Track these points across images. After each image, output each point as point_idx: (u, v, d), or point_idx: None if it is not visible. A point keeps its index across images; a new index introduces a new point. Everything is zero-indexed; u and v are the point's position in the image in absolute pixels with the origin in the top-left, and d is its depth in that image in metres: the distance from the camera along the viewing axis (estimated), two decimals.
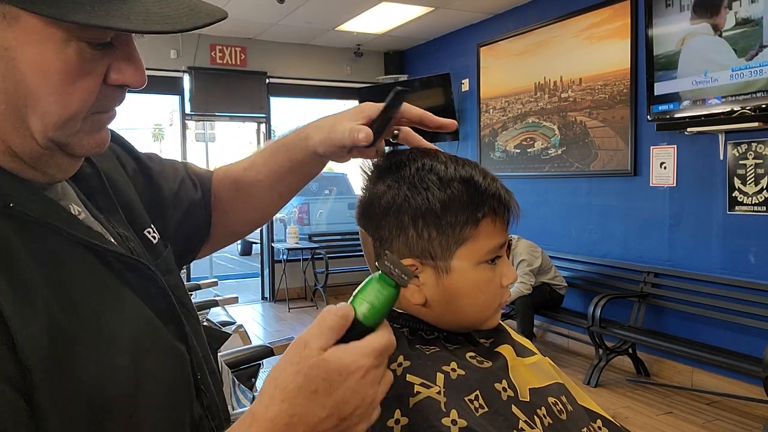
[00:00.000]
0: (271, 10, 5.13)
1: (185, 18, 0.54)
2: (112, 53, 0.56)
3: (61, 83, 0.53)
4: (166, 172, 0.86)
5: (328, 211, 8.98)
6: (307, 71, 6.59)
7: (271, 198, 0.93)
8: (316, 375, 0.52)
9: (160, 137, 18.38)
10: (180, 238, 0.84)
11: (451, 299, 0.72)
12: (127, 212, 0.71)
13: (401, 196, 0.71)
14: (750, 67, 3.31)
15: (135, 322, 0.61)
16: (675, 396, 3.77)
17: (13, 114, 0.53)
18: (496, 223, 0.72)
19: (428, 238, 0.70)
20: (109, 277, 0.61)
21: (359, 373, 0.53)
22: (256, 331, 5.55)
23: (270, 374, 0.54)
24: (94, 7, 0.50)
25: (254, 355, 2.15)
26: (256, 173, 0.91)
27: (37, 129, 0.54)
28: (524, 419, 0.67)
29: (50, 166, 0.58)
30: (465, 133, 5.99)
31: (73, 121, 0.56)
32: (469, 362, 0.71)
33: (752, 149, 3.49)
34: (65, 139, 0.56)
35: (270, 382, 0.54)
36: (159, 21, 0.53)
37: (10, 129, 0.54)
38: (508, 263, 0.76)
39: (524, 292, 4.27)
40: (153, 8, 0.53)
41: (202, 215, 0.90)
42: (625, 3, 4.19)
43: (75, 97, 0.54)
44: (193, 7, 0.56)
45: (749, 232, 3.55)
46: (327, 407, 0.52)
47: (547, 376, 0.77)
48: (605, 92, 4.41)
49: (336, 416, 0.53)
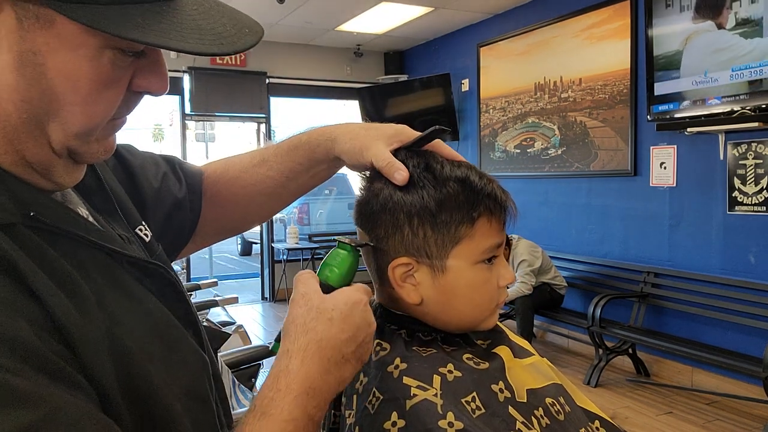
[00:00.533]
0: (271, 10, 5.13)
1: (235, 36, 0.53)
2: (139, 60, 0.54)
3: (89, 92, 0.51)
4: (146, 167, 0.81)
5: (328, 211, 8.98)
6: (307, 71, 6.59)
7: (279, 196, 0.90)
8: (326, 307, 0.60)
9: (160, 137, 18.38)
10: (162, 237, 0.80)
11: (447, 299, 0.72)
12: (121, 211, 0.69)
13: (397, 195, 0.71)
14: (750, 67, 3.31)
15: (165, 328, 0.60)
16: (675, 396, 3.77)
17: (32, 122, 0.51)
18: (492, 222, 0.72)
19: (423, 237, 0.70)
20: (133, 283, 0.59)
21: (361, 304, 0.62)
22: (256, 332, 5.55)
23: (284, 328, 0.61)
24: (145, 21, 0.48)
25: (254, 356, 2.15)
26: (267, 169, 0.87)
27: (57, 137, 0.52)
28: (521, 420, 0.68)
29: (59, 174, 0.55)
30: (465, 133, 5.99)
31: (95, 130, 0.54)
32: (466, 364, 0.71)
33: (752, 149, 3.49)
34: (80, 148, 0.54)
35: (288, 328, 0.60)
36: (214, 41, 0.52)
37: (26, 137, 0.51)
38: (506, 264, 0.76)
39: (525, 292, 4.27)
40: (202, 23, 0.52)
41: (187, 214, 0.86)
42: (625, 3, 4.18)
43: (101, 106, 0.53)
44: (232, 17, 0.55)
45: (749, 232, 3.55)
46: (346, 331, 0.59)
47: (544, 377, 0.77)
48: (605, 92, 4.41)
49: (353, 341, 0.60)
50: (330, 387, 0.59)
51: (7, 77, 0.49)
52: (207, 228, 0.90)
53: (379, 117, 6.46)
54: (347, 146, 0.77)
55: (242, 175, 0.89)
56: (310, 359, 0.58)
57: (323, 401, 0.58)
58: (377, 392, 0.67)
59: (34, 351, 0.44)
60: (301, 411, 0.56)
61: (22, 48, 0.48)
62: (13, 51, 0.48)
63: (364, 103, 6.58)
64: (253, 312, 6.49)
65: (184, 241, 0.88)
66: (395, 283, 0.72)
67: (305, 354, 0.58)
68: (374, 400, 0.66)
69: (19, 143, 0.52)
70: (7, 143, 0.51)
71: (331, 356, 0.59)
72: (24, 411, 0.41)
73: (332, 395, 0.60)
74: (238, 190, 0.90)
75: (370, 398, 0.67)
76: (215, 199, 0.89)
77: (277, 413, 0.55)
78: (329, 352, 0.58)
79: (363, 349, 0.62)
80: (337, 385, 0.60)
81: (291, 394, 0.56)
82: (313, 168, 0.85)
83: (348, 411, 0.70)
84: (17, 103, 0.50)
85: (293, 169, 0.86)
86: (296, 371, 0.57)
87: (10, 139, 0.51)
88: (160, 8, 0.50)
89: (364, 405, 0.67)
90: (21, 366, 0.43)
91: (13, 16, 0.47)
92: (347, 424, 0.69)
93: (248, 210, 0.93)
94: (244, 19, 0.56)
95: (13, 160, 0.52)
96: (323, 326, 0.59)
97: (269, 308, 6.66)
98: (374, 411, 0.66)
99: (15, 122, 0.50)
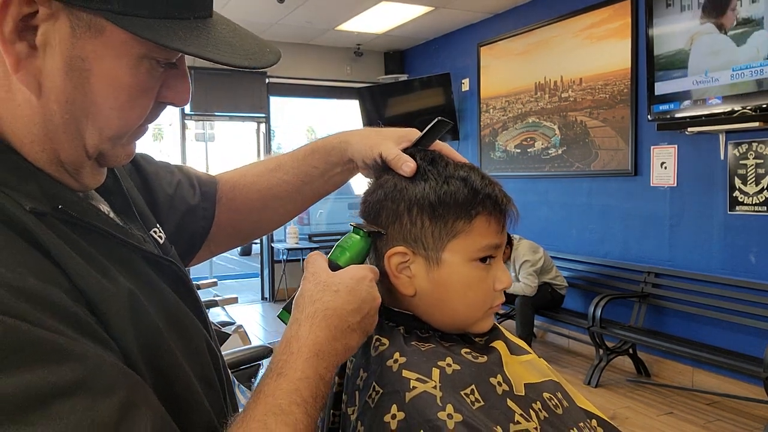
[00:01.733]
0: (271, 9, 5.13)
1: (260, 53, 0.58)
2: (169, 71, 0.58)
3: (128, 98, 0.55)
4: (161, 175, 0.85)
5: (328, 211, 8.97)
6: (307, 71, 6.59)
7: (293, 201, 0.94)
8: (333, 282, 0.66)
9: (159, 137, 18.37)
10: (175, 243, 0.83)
11: (441, 293, 0.73)
12: (137, 213, 0.72)
13: (401, 184, 0.74)
14: (751, 67, 3.31)
15: (181, 317, 0.63)
16: (675, 396, 3.76)
17: (72, 123, 0.54)
18: (490, 223, 0.73)
19: (421, 227, 0.72)
20: (151, 274, 0.62)
21: (367, 279, 0.67)
22: (255, 332, 5.55)
23: (294, 303, 0.66)
24: (185, 34, 0.53)
25: (254, 356, 2.14)
26: (283, 173, 0.92)
27: (92, 140, 0.56)
28: (520, 413, 0.68)
29: (86, 175, 0.59)
30: (465, 132, 5.99)
31: (126, 134, 0.58)
32: (464, 357, 0.72)
33: (753, 149, 3.49)
34: (109, 151, 0.58)
35: (298, 300, 0.66)
36: (244, 56, 0.56)
37: (64, 138, 0.55)
38: (504, 269, 0.77)
39: (528, 292, 4.28)
40: (232, 41, 0.57)
41: (199, 221, 0.89)
42: (625, 3, 4.18)
43: (135, 113, 0.56)
44: (254, 38, 0.60)
45: (750, 232, 3.55)
46: (351, 303, 0.65)
47: (541, 373, 0.78)
48: (605, 92, 4.41)
49: (359, 312, 0.65)
50: (337, 352, 0.64)
51: (56, 80, 0.52)
52: (221, 234, 0.93)
53: (379, 117, 6.46)
54: (359, 146, 0.83)
55: (258, 180, 0.94)
56: (317, 326, 0.63)
57: (332, 364, 0.63)
58: (377, 386, 0.67)
59: (72, 313, 0.48)
60: (312, 371, 0.60)
61: (72, 54, 0.52)
62: (64, 56, 0.52)
63: (364, 102, 6.57)
64: (252, 312, 6.49)
65: (197, 247, 0.91)
66: (391, 273, 0.74)
67: (312, 321, 0.63)
68: (374, 394, 0.67)
69: (57, 142, 0.55)
70: (47, 141, 0.55)
71: (338, 324, 0.64)
72: (68, 367, 0.44)
73: (340, 359, 0.65)
74: (253, 194, 0.93)
75: (370, 392, 0.67)
76: (231, 204, 0.93)
77: (291, 373, 0.59)
78: (335, 320, 0.63)
79: (368, 321, 0.67)
80: (344, 351, 0.65)
81: (302, 357, 0.61)
82: (328, 172, 0.90)
83: (351, 408, 0.71)
84: (62, 104, 0.53)
85: (309, 173, 0.91)
86: (306, 336, 0.62)
87: (51, 137, 0.54)
88: (196, 24, 0.55)
89: (365, 400, 0.68)
90: (62, 326, 0.46)
91: (68, 24, 0.51)
92: (350, 420, 0.70)
93: (262, 215, 0.96)
94: (264, 42, 0.61)
95: (48, 158, 0.55)
96: (329, 297, 0.64)
97: (269, 308, 6.65)
98: (374, 405, 0.66)
99: (57, 122, 0.54)
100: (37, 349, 0.43)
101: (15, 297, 0.44)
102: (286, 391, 0.58)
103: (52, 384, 0.43)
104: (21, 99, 0.52)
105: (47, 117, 0.53)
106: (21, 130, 0.53)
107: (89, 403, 0.44)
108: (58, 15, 0.50)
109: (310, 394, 0.59)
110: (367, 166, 0.82)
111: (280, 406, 0.56)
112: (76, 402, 0.43)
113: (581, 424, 0.74)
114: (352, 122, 7.38)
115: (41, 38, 0.50)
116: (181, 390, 0.58)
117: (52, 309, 0.46)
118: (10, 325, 0.43)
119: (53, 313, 0.46)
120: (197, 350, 0.64)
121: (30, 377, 0.42)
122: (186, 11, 0.54)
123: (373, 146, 0.80)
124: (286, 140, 10.53)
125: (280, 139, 10.26)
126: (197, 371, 0.62)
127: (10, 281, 0.45)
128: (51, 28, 0.50)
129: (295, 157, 0.92)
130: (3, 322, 0.42)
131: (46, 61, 0.51)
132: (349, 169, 0.89)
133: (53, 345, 0.44)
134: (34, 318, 0.44)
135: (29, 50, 0.51)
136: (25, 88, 0.52)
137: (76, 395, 0.44)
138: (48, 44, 0.51)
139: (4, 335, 0.42)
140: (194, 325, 0.65)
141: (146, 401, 0.50)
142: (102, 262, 0.55)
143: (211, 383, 0.65)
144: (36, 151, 0.54)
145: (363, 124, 6.67)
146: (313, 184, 0.91)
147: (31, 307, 0.45)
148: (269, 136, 6.68)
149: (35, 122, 0.53)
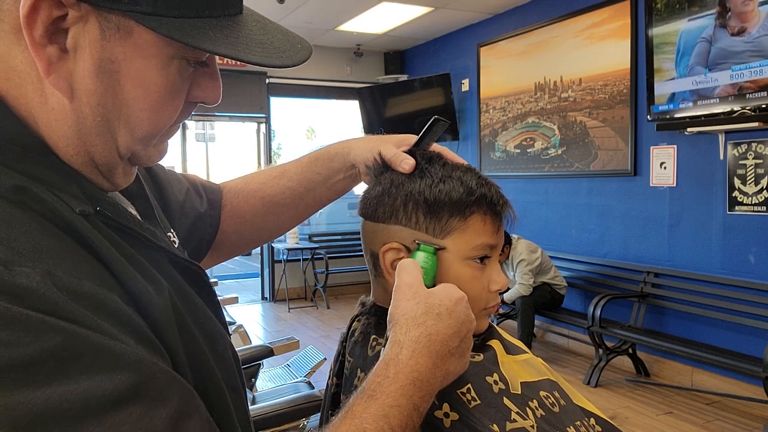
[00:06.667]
0: (271, 10, 5.13)
1: (291, 50, 0.58)
2: (199, 70, 0.58)
3: (158, 99, 0.55)
4: (172, 182, 0.85)
5: (328, 211, 8.96)
6: (307, 71, 6.58)
7: (296, 207, 0.95)
8: (433, 302, 0.64)
9: None
10: (184, 249, 0.84)
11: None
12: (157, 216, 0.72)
13: (399, 180, 0.75)
14: (750, 67, 3.31)
15: (208, 322, 0.62)
16: (675, 396, 3.77)
17: (104, 125, 0.54)
18: (486, 222, 0.73)
19: (416, 222, 0.72)
20: (182, 282, 0.62)
21: (464, 301, 0.66)
22: (256, 331, 5.55)
23: (392, 318, 0.64)
24: (215, 34, 0.53)
25: (254, 355, 2.15)
26: (287, 180, 0.93)
27: (124, 141, 0.55)
28: (516, 411, 0.69)
29: (118, 175, 0.59)
30: (465, 133, 5.99)
31: (157, 135, 0.58)
32: None
33: (752, 149, 3.49)
34: (141, 151, 0.58)
35: (398, 319, 0.64)
36: (275, 55, 0.56)
37: (97, 140, 0.55)
38: (499, 270, 0.76)
39: (523, 293, 4.27)
40: (263, 38, 0.57)
41: (206, 228, 0.89)
42: (625, 3, 4.19)
43: (166, 113, 0.56)
44: (285, 34, 0.59)
45: (749, 232, 3.55)
46: (452, 327, 0.63)
47: (538, 372, 0.78)
48: (605, 92, 4.41)
49: (458, 336, 0.64)
50: (436, 379, 0.62)
51: (87, 82, 0.52)
52: (225, 241, 0.94)
53: (379, 117, 6.47)
54: (360, 150, 0.85)
55: (262, 187, 0.94)
56: (419, 352, 0.61)
57: (428, 393, 0.61)
58: None
59: (127, 318, 0.48)
60: (406, 399, 0.58)
61: (102, 56, 0.51)
62: (94, 58, 0.51)
63: (364, 103, 6.58)
64: (253, 312, 6.49)
65: (203, 255, 0.92)
66: (386, 269, 0.74)
67: (416, 346, 0.61)
68: None
69: (91, 145, 0.55)
70: (81, 144, 0.55)
71: (439, 350, 0.62)
72: (124, 375, 0.44)
73: (438, 388, 0.62)
74: (257, 201, 0.94)
75: None
76: (235, 211, 0.93)
77: (382, 398, 0.57)
78: (437, 346, 0.62)
79: (465, 344, 0.65)
80: (443, 378, 0.63)
81: (398, 383, 0.59)
82: (331, 178, 0.91)
83: None
84: (94, 107, 0.53)
85: (312, 179, 0.92)
86: (405, 362, 0.60)
87: (84, 140, 0.54)
88: (226, 23, 0.55)
89: None
90: (118, 331, 0.46)
91: (97, 26, 0.51)
92: None
93: (266, 222, 0.97)
94: (294, 36, 0.61)
95: (83, 160, 0.55)
96: (432, 321, 0.63)
97: (269, 308, 6.65)
98: None
99: (90, 124, 0.54)
100: (96, 356, 0.43)
101: (74, 301, 0.44)
102: (374, 416, 0.56)
103: (108, 392, 0.43)
104: (54, 102, 0.53)
105: (80, 119, 0.53)
106: (56, 132, 0.54)
107: (143, 411, 0.44)
108: (87, 17, 0.50)
109: (399, 423, 0.57)
110: (369, 170, 0.82)
111: (365, 430, 0.55)
112: (130, 411, 0.43)
113: (578, 422, 0.74)
114: (352, 122, 7.38)
115: (71, 41, 0.50)
116: (214, 397, 0.57)
117: (108, 313, 0.46)
118: (70, 332, 0.42)
119: (109, 317, 0.46)
120: (222, 355, 0.63)
121: (88, 384, 0.42)
122: (218, 9, 0.54)
123: (373, 149, 0.81)
124: (286, 140, 10.52)
125: (281, 140, 10.25)
126: (225, 376, 0.62)
127: (68, 285, 0.45)
128: (81, 31, 0.50)
129: (299, 164, 0.93)
130: (64, 329, 0.42)
131: (77, 64, 0.51)
132: (352, 175, 0.90)
133: (110, 351, 0.44)
134: (93, 323, 0.44)
135: (60, 53, 0.51)
136: (57, 92, 0.52)
137: (130, 404, 0.44)
138: (78, 47, 0.51)
139: (64, 342, 0.42)
140: (218, 329, 0.65)
141: (197, 410, 0.50)
142: (144, 265, 0.54)
143: (236, 388, 0.64)
144: (71, 153, 0.55)
145: (363, 125, 6.68)
146: (316, 191, 0.92)
147: (90, 312, 0.45)
148: (269, 137, 6.68)
149: (69, 125, 0.53)
